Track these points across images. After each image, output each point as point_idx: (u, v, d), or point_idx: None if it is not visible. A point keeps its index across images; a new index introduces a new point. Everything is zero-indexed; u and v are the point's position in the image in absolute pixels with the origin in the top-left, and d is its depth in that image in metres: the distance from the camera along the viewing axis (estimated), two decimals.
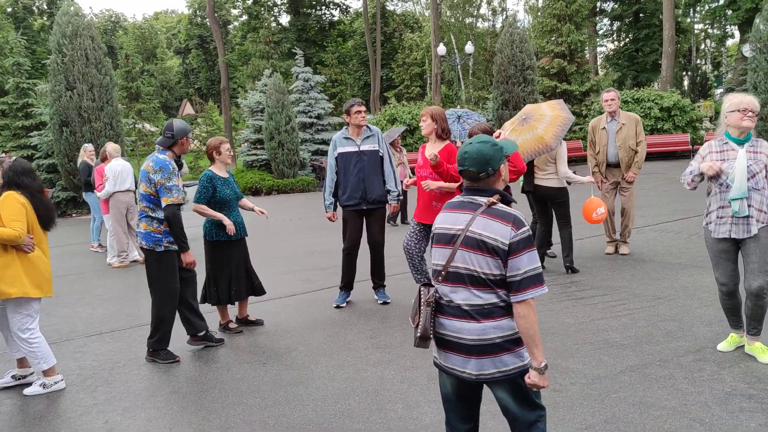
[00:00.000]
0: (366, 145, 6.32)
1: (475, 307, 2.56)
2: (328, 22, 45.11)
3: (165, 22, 74.51)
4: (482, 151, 2.64)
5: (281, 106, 19.68)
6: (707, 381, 4.16)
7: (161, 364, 5.24)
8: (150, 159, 5.19)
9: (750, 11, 27.74)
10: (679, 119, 20.97)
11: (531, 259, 2.52)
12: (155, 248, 5.16)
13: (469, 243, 2.57)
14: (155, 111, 42.52)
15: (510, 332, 2.56)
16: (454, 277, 2.61)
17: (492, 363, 2.56)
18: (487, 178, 2.67)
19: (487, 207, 2.61)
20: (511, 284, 2.53)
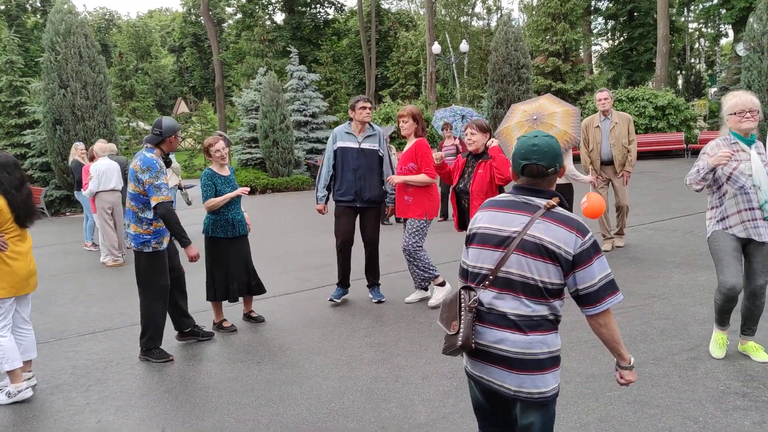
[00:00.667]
0: (367, 143, 6.30)
1: (524, 318, 2.35)
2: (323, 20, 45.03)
3: (159, 20, 74.32)
4: (552, 144, 2.44)
5: (276, 105, 19.64)
6: (701, 379, 4.16)
7: (155, 363, 5.22)
8: (137, 158, 5.14)
9: (744, 10, 27.82)
10: (673, 118, 21.01)
11: (602, 266, 2.36)
12: (143, 249, 5.14)
13: (526, 247, 2.36)
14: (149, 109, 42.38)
15: (554, 349, 2.39)
16: (504, 283, 2.39)
17: (532, 381, 2.36)
18: (553, 176, 2.47)
19: (547, 210, 2.40)
20: (586, 297, 2.35)
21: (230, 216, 5.81)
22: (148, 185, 5.00)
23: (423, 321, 5.82)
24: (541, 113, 6.90)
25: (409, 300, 6.44)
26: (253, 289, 6.03)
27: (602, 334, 2.41)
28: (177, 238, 5.06)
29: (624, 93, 21.77)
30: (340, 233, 6.39)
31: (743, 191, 4.23)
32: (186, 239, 5.06)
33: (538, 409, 2.40)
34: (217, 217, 5.78)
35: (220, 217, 5.79)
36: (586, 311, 2.38)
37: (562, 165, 2.47)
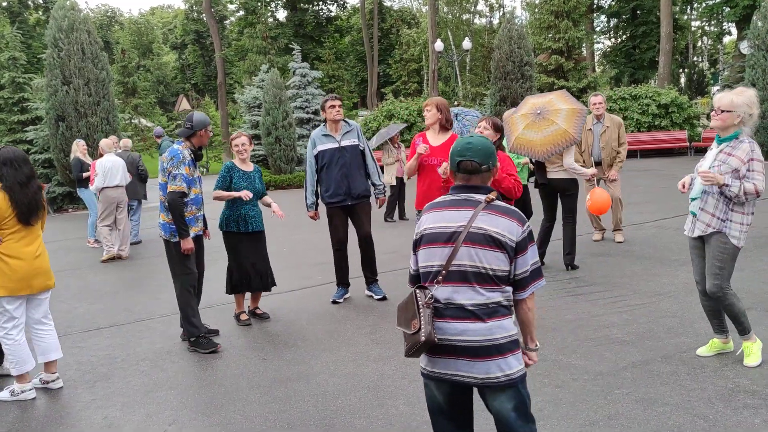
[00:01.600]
0: (346, 140, 6.28)
1: (481, 307, 2.48)
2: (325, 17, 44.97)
3: (161, 17, 74.26)
4: (486, 144, 2.64)
5: (278, 102, 19.62)
6: (710, 377, 4.14)
7: (202, 353, 5.25)
8: (167, 150, 5.32)
9: (747, 8, 27.75)
10: (676, 116, 20.95)
11: (533, 253, 2.56)
12: (171, 239, 5.27)
13: (474, 239, 2.50)
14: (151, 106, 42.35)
15: (513, 332, 2.52)
16: (457, 276, 2.51)
17: (497, 366, 2.47)
18: (486, 173, 2.63)
19: (488, 203, 2.57)
20: (520, 281, 2.54)
21: (242, 211, 5.88)
22: (168, 174, 5.15)
23: None
24: (546, 109, 6.87)
25: None
26: (267, 286, 6.09)
27: (528, 317, 2.63)
28: (176, 228, 5.17)
29: (627, 91, 21.72)
30: (335, 234, 6.41)
31: (691, 188, 4.35)
32: (185, 232, 5.18)
33: (506, 393, 2.52)
34: (230, 212, 5.89)
35: (233, 212, 5.88)
36: (518, 295, 2.56)
37: (495, 164, 2.64)
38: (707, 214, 4.19)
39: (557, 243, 7.72)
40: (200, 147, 5.42)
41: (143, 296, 7.35)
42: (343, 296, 6.57)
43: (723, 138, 4.17)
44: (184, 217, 5.17)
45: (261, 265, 6.01)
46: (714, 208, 4.16)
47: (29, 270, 4.49)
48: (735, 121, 4.06)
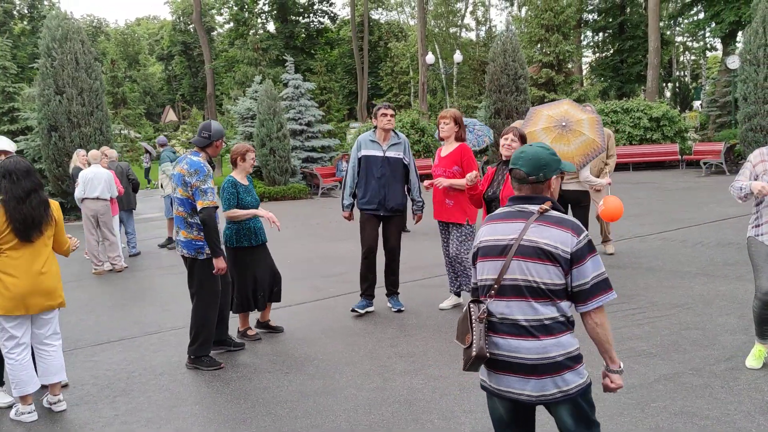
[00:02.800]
0: (392, 151, 6.25)
1: (535, 323, 2.42)
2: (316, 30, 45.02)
3: (147, 27, 73.97)
4: (539, 154, 2.57)
5: (273, 113, 19.50)
6: (745, 390, 4.12)
7: (205, 371, 5.11)
8: (183, 161, 5.06)
9: (733, 24, 28.17)
10: (667, 129, 21.13)
11: (596, 264, 2.44)
12: (197, 257, 5.05)
13: (525, 252, 2.44)
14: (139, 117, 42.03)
15: (571, 349, 2.44)
16: (510, 290, 2.46)
17: (553, 382, 2.41)
18: (536, 184, 2.57)
19: (540, 214, 2.50)
20: (579, 294, 2.43)
21: (252, 224, 5.73)
22: (194, 189, 4.91)
23: (447, 330, 5.75)
24: (569, 120, 6.86)
25: (443, 306, 6.40)
26: (273, 297, 5.94)
27: (597, 333, 2.47)
28: (210, 246, 4.93)
29: (619, 104, 21.89)
30: (366, 241, 6.32)
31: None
32: (219, 250, 4.97)
33: (564, 406, 2.46)
34: (239, 227, 5.67)
35: (242, 226, 5.68)
36: (580, 308, 2.44)
37: (548, 176, 2.57)
38: None
39: None
40: (213, 158, 5.24)
41: (152, 308, 7.23)
42: (365, 308, 6.43)
43: None
44: (218, 234, 4.96)
45: (270, 277, 5.87)
46: None
47: (26, 288, 4.21)
48: None
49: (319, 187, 20.63)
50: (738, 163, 18.87)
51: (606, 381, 2.56)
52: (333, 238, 11.22)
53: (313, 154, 22.52)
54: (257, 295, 5.76)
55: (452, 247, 6.14)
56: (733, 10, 27.87)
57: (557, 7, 26.33)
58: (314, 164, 22.40)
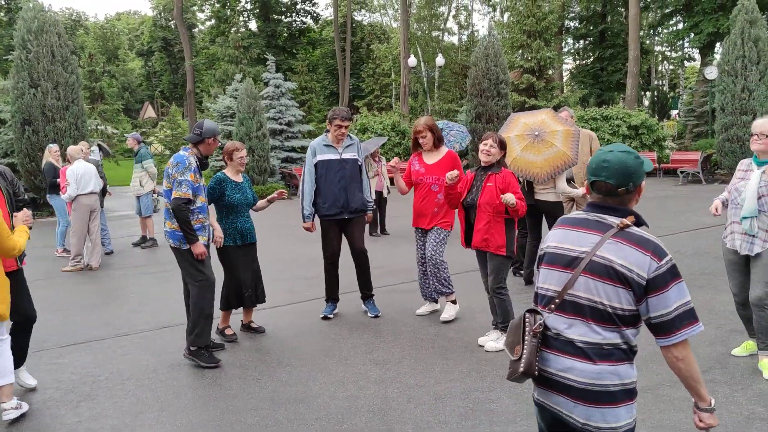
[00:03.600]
0: (347, 153, 6.17)
1: (593, 346, 2.19)
2: (298, 29, 44.75)
3: (127, 23, 73.10)
4: (626, 161, 2.25)
5: (253, 112, 19.33)
6: (723, 404, 4.07)
7: (201, 365, 5.06)
8: (173, 156, 5.20)
9: (711, 35, 28.52)
10: (646, 138, 21.30)
11: (680, 292, 2.15)
12: (181, 246, 5.09)
13: (595, 269, 2.20)
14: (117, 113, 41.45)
15: (627, 381, 2.21)
16: (571, 307, 2.24)
17: (602, 415, 2.19)
18: (625, 195, 2.28)
19: (620, 229, 2.22)
20: (660, 325, 2.16)
21: (239, 225, 5.70)
22: (173, 180, 5.01)
23: (424, 337, 5.66)
24: (543, 130, 6.83)
25: (420, 312, 6.30)
26: (258, 298, 5.89)
27: (679, 369, 2.20)
28: (184, 234, 5.01)
29: (599, 112, 22.01)
30: (329, 248, 6.25)
31: (734, 205, 4.63)
32: (193, 236, 5.02)
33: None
34: (225, 226, 5.67)
35: (228, 225, 5.67)
36: (660, 341, 2.18)
37: (638, 184, 2.29)
38: (763, 232, 4.46)
39: None
40: (207, 155, 5.26)
41: (123, 309, 7.05)
42: (333, 311, 6.40)
43: (763, 160, 4.49)
44: (190, 223, 4.99)
45: (255, 278, 5.82)
46: (766, 225, 4.45)
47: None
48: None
49: (297, 188, 20.45)
50: (714, 172, 19.06)
51: (695, 419, 2.29)
52: (309, 240, 11.02)
53: (292, 154, 22.38)
54: (244, 293, 5.72)
55: (428, 248, 6.02)
56: (712, 21, 28.22)
57: (539, 13, 26.47)
58: (293, 164, 22.25)
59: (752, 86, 16.58)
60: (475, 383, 4.57)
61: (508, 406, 4.17)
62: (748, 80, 16.61)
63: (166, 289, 7.88)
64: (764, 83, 16.65)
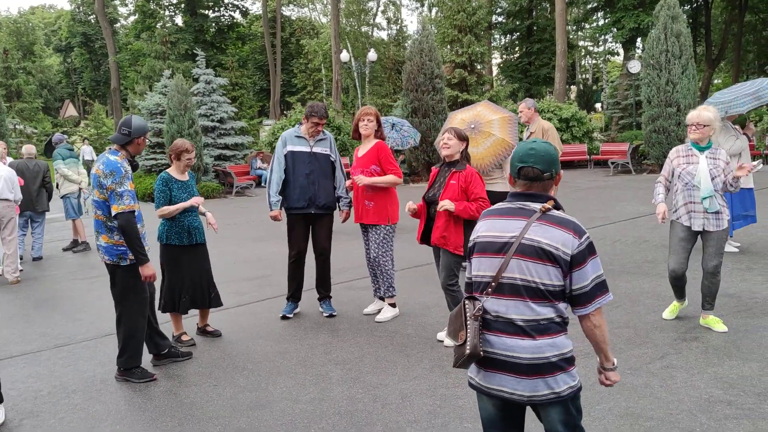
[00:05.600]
0: (319, 147, 6.02)
1: (531, 323, 2.36)
2: (227, 24, 43.79)
3: (42, 17, 69.86)
4: (549, 150, 2.48)
5: (184, 109, 18.73)
6: (683, 388, 4.16)
7: (136, 383, 4.73)
8: (100, 161, 4.63)
9: (633, 30, 29.52)
10: (576, 130, 21.85)
11: (595, 266, 2.38)
12: (120, 263, 4.65)
13: (525, 251, 2.37)
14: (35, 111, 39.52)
15: (565, 350, 2.39)
16: (508, 289, 2.40)
17: (545, 384, 2.36)
18: (546, 182, 2.49)
19: (542, 213, 2.42)
20: (579, 297, 2.37)
21: (186, 223, 5.40)
22: (110, 192, 4.49)
23: (382, 335, 5.57)
24: (478, 122, 6.84)
25: (367, 311, 6.19)
26: (212, 302, 5.64)
27: (594, 335, 2.44)
28: (133, 253, 4.56)
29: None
30: (295, 244, 6.08)
31: (687, 188, 5.07)
32: (144, 257, 4.58)
33: (555, 409, 2.42)
34: (171, 224, 5.38)
35: (175, 223, 5.38)
36: (578, 311, 2.40)
37: (558, 172, 2.52)
38: (718, 212, 5.02)
39: None
40: (135, 155, 4.82)
41: (59, 318, 6.67)
42: (293, 311, 6.24)
43: (703, 147, 5.07)
44: (140, 239, 4.56)
45: (204, 280, 5.57)
46: (720, 205, 5.01)
47: None
48: (710, 133, 5.03)
49: (233, 186, 20.03)
50: (642, 162, 19.73)
51: (602, 378, 2.58)
52: (252, 239, 10.83)
53: (225, 152, 21.88)
54: (181, 298, 5.44)
55: (372, 250, 5.96)
56: (633, 17, 29.23)
57: (469, 8, 26.73)
58: (227, 162, 21.76)
59: (675, 79, 17.21)
60: (439, 379, 4.52)
61: (476, 401, 4.13)
62: (671, 74, 17.23)
63: (104, 294, 7.48)
64: (686, 76, 17.31)
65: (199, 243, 5.51)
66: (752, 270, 6.98)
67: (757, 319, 5.41)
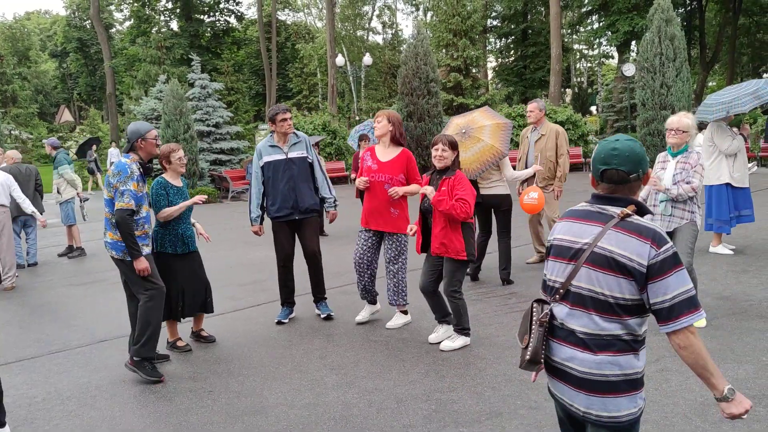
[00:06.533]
0: (294, 152, 5.99)
1: (593, 337, 2.23)
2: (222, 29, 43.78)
3: (38, 23, 69.81)
4: (634, 148, 2.27)
5: (179, 114, 18.74)
6: (678, 391, 4.17)
7: (143, 377, 4.81)
8: (114, 164, 4.89)
9: (627, 33, 29.66)
10: (571, 133, 21.90)
11: (680, 279, 2.15)
12: (125, 258, 4.81)
13: (596, 260, 2.24)
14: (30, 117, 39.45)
15: (630, 371, 2.21)
16: (574, 298, 2.29)
17: (602, 403, 2.23)
18: (632, 184, 2.30)
19: (621, 219, 2.24)
20: (659, 312, 2.15)
21: (180, 230, 5.39)
22: (115, 190, 4.73)
23: (377, 339, 5.57)
24: (470, 127, 6.86)
25: (360, 319, 6.12)
26: (208, 307, 5.65)
27: (684, 357, 2.19)
28: (127, 248, 4.73)
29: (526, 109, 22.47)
30: (282, 250, 6.07)
31: (656, 192, 5.39)
32: (137, 251, 4.74)
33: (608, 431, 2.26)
34: (165, 231, 5.36)
35: (169, 231, 5.36)
36: (661, 328, 2.18)
37: (646, 171, 2.31)
38: (679, 210, 5.29)
39: (491, 258, 7.71)
40: (150, 159, 4.98)
41: (54, 324, 6.65)
42: (288, 316, 6.23)
43: (677, 151, 5.31)
44: (134, 236, 4.72)
45: (199, 286, 5.55)
46: (683, 205, 5.28)
47: None
48: (687, 139, 5.27)
49: (229, 191, 20.02)
50: None
51: (721, 411, 2.27)
52: (247, 244, 10.82)
53: (221, 157, 21.88)
54: (177, 306, 5.43)
55: (389, 258, 5.78)
56: (627, 20, 29.35)
57: (464, 12, 26.81)
58: (223, 167, 21.76)
59: (670, 82, 17.27)
60: (434, 384, 4.52)
61: (472, 406, 4.14)
62: (666, 77, 17.29)
63: (99, 300, 7.51)
64: (680, 79, 17.37)
65: (192, 251, 5.51)
66: (747, 272, 7.00)
67: (752, 321, 5.42)
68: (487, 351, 5.08)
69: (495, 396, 4.26)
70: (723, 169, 7.63)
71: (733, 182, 7.59)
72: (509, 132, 6.86)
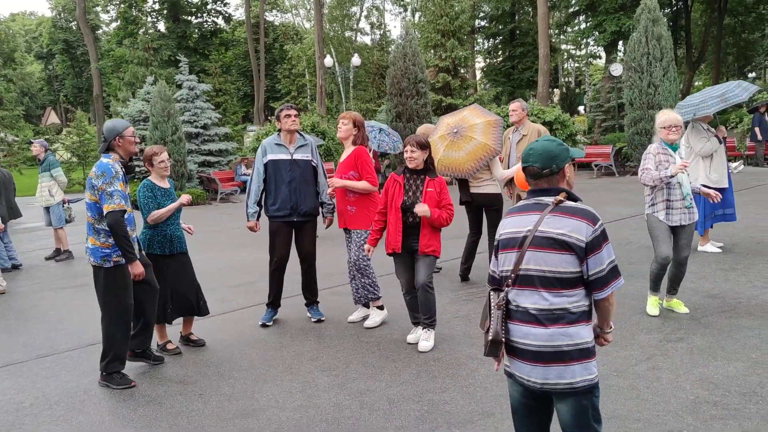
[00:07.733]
0: (299, 153, 5.97)
1: (543, 312, 2.51)
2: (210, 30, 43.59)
3: (23, 24, 69.30)
4: (548, 147, 2.64)
5: (167, 115, 18.62)
6: (669, 389, 4.18)
7: (115, 389, 4.72)
8: (95, 165, 4.75)
9: (614, 33, 29.75)
10: (560, 133, 21.93)
11: (609, 252, 2.54)
12: (103, 264, 4.68)
13: (539, 243, 2.54)
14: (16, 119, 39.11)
15: (579, 341, 2.50)
16: (524, 280, 2.57)
17: (557, 372, 2.49)
18: (551, 176, 2.64)
19: (555, 205, 2.58)
20: (595, 281, 2.52)
21: (168, 232, 5.35)
22: (101, 192, 4.57)
23: (368, 340, 5.55)
24: (461, 126, 6.86)
25: (352, 319, 6.14)
26: (201, 310, 5.60)
27: (608, 310, 2.65)
28: (122, 252, 4.62)
29: None
30: (277, 251, 6.03)
31: (669, 186, 5.46)
32: (132, 255, 4.65)
33: (567, 401, 2.54)
34: (154, 233, 5.32)
35: (158, 232, 5.32)
36: (596, 295, 2.56)
37: (561, 166, 2.64)
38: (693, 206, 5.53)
39: (482, 257, 7.71)
40: (129, 157, 4.87)
41: (41, 328, 6.59)
42: (272, 318, 6.20)
43: (675, 146, 5.54)
44: (128, 238, 4.61)
45: (189, 289, 5.51)
46: None
47: None
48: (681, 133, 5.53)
49: (218, 193, 19.94)
50: (625, 165, 19.88)
51: (600, 340, 2.76)
52: (236, 246, 10.77)
53: (209, 158, 21.79)
54: (166, 308, 5.38)
55: (353, 252, 5.88)
56: (614, 20, 29.44)
57: (452, 13, 26.86)
58: (211, 168, 21.67)
59: (657, 82, 17.34)
60: (426, 384, 4.51)
61: (464, 406, 4.13)
62: (653, 76, 17.37)
63: (87, 303, 7.43)
64: (667, 79, 17.46)
65: (180, 252, 5.46)
66: (735, 270, 7.04)
67: (741, 319, 5.45)
68: (478, 351, 5.07)
69: (487, 396, 4.26)
70: (699, 170, 7.66)
71: (710, 183, 7.54)
72: (501, 129, 6.87)
